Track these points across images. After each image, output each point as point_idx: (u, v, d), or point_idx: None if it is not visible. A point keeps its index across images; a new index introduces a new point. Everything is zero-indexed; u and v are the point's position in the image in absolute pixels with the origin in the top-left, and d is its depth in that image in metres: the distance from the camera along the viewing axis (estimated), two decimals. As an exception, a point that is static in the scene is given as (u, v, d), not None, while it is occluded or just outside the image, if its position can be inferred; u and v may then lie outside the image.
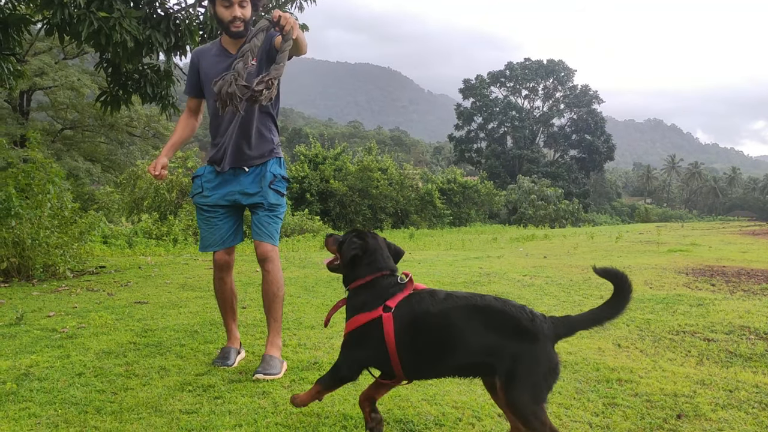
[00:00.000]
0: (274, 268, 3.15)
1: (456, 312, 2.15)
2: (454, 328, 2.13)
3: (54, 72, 26.68)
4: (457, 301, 2.17)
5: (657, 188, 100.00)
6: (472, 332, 2.11)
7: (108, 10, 6.00)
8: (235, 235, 3.28)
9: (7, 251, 6.80)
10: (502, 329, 2.08)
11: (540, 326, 2.07)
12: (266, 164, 3.18)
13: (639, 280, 6.21)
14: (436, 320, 2.16)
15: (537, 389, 2.03)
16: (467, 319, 2.12)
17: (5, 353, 3.49)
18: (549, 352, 2.06)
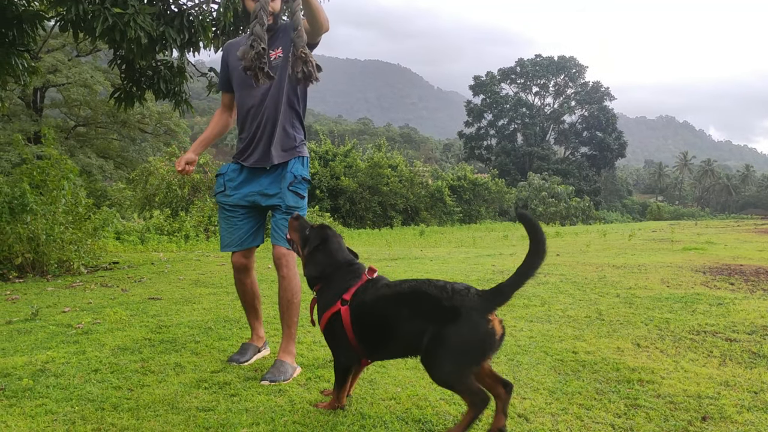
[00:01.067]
0: (289, 273, 3.05)
1: (385, 300, 2.35)
2: (386, 316, 2.34)
3: (67, 69, 26.86)
4: (387, 290, 2.37)
5: (669, 186, 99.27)
6: (401, 318, 2.29)
7: (122, 6, 5.99)
8: (255, 236, 3.21)
9: (22, 247, 6.84)
10: (424, 311, 2.23)
11: (461, 301, 2.18)
12: (288, 164, 3.10)
13: (656, 279, 6.14)
14: (372, 309, 2.38)
15: (460, 360, 2.16)
16: (396, 306, 2.31)
17: (21, 349, 3.50)
18: (474, 324, 2.15)
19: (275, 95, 3.07)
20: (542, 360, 3.25)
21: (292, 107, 3.14)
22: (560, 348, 3.48)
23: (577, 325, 4.09)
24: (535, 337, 3.74)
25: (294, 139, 3.14)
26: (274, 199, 3.10)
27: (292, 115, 3.15)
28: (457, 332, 2.15)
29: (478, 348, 2.16)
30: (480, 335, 2.15)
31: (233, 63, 3.15)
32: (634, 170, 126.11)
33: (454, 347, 2.16)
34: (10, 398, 2.65)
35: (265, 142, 3.09)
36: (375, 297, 2.38)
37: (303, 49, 2.67)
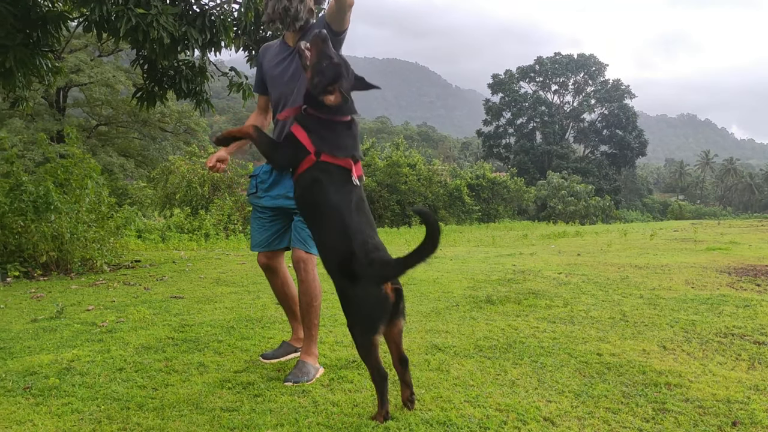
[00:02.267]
0: (307, 277, 3.04)
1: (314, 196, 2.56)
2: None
3: (90, 69, 27.18)
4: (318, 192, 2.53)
5: (690, 185, 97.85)
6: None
7: (145, 6, 6.04)
8: (281, 239, 3.20)
9: (46, 245, 6.93)
10: (340, 269, 2.44)
11: (363, 270, 2.37)
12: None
13: (680, 280, 6.05)
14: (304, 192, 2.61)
15: (363, 322, 2.39)
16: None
17: (47, 347, 3.54)
18: (370, 291, 2.36)
19: (302, 91, 3.04)
20: (566, 362, 3.21)
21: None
22: (584, 350, 3.43)
23: (601, 326, 4.04)
24: (559, 338, 3.70)
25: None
26: (292, 201, 3.08)
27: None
28: (357, 295, 2.39)
29: (374, 314, 2.38)
30: (374, 301, 2.36)
31: (267, 65, 3.16)
32: (654, 169, 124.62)
33: (356, 309, 2.41)
34: (36, 397, 2.68)
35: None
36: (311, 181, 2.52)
37: (305, 44, 2.65)
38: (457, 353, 3.37)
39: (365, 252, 2.40)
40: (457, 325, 4.05)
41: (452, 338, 3.69)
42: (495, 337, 3.73)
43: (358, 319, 2.42)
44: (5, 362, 3.23)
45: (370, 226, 2.53)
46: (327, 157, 2.50)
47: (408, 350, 3.40)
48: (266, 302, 4.94)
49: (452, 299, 5.04)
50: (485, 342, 3.60)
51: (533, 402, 2.63)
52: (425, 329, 3.95)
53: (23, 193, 7.04)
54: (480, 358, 3.29)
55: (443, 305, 4.78)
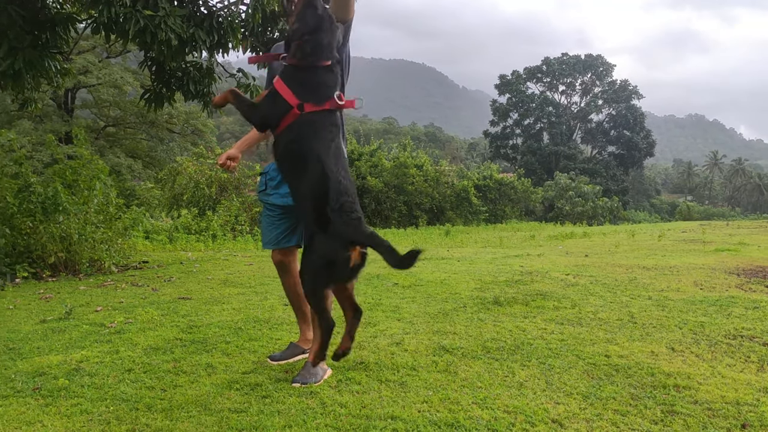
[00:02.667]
0: None
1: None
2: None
3: (98, 70, 27.32)
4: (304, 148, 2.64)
5: (698, 185, 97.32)
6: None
7: (153, 8, 6.06)
8: (290, 237, 3.22)
9: (54, 246, 6.97)
10: (315, 213, 2.52)
11: (332, 213, 2.46)
12: None
13: (688, 281, 6.02)
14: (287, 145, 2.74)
15: (321, 274, 2.48)
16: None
17: (56, 348, 3.56)
18: (328, 245, 2.46)
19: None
20: (574, 364, 3.20)
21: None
22: (592, 351, 3.42)
23: (609, 328, 4.02)
24: (566, 340, 3.69)
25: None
26: None
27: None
28: (324, 247, 2.47)
29: (334, 271, 2.49)
30: (338, 260, 2.46)
31: (276, 65, 3.17)
32: (662, 169, 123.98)
33: (315, 259, 2.49)
34: (46, 397, 2.70)
35: None
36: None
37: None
38: (465, 354, 3.37)
39: (336, 194, 2.49)
40: (465, 327, 4.05)
41: (460, 339, 3.69)
42: (503, 338, 3.72)
43: (317, 268, 2.50)
44: (15, 363, 3.25)
45: (345, 170, 2.63)
46: (310, 106, 2.55)
47: (416, 351, 3.41)
48: (274, 303, 4.95)
49: (460, 300, 5.03)
50: (493, 343, 3.59)
51: (541, 404, 2.62)
52: (432, 330, 3.95)
53: (32, 194, 7.08)
54: (488, 359, 3.29)
55: (450, 306, 4.78)
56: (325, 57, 2.65)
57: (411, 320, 4.28)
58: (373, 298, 5.16)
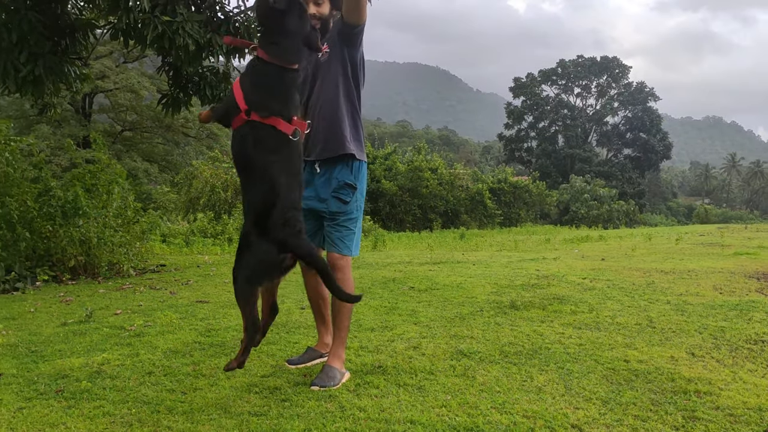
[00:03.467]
0: (342, 277, 3.04)
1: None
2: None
3: (115, 75, 27.63)
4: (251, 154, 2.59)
5: (716, 188, 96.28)
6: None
7: (171, 14, 6.12)
8: (313, 239, 3.20)
9: (74, 249, 7.05)
10: (257, 220, 2.51)
11: (276, 227, 2.46)
12: (335, 169, 3.08)
13: (707, 285, 5.96)
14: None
15: (253, 274, 2.49)
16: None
17: (77, 350, 3.60)
18: (266, 249, 2.46)
19: (328, 91, 3.09)
20: (593, 369, 3.19)
21: (347, 103, 3.12)
22: (611, 356, 3.40)
23: (628, 332, 3.99)
24: (585, 344, 3.67)
25: (349, 135, 3.10)
26: (323, 205, 3.11)
27: (347, 111, 3.12)
28: (259, 248, 2.47)
29: (267, 271, 2.52)
30: (273, 261, 2.48)
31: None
32: (679, 172, 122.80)
33: (252, 259, 2.49)
34: (69, 400, 2.73)
35: (323, 135, 3.09)
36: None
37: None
38: (483, 359, 3.36)
39: (282, 209, 2.48)
40: (482, 331, 4.04)
41: (477, 344, 3.68)
42: (520, 342, 3.71)
43: (250, 268, 2.50)
44: (37, 365, 3.30)
45: (295, 183, 2.58)
46: (255, 116, 2.50)
47: (433, 356, 3.41)
48: (290, 307, 4.97)
49: (476, 304, 5.02)
50: (510, 348, 3.58)
51: (560, 409, 2.61)
52: (450, 335, 3.95)
53: (52, 198, 7.18)
54: (506, 364, 3.28)
55: (467, 310, 4.77)
56: (292, 57, 2.58)
57: (428, 324, 4.28)
58: (390, 302, 5.16)
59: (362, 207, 3.20)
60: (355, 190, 3.12)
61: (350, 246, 3.11)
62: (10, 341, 3.88)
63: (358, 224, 3.17)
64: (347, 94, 3.12)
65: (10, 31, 6.36)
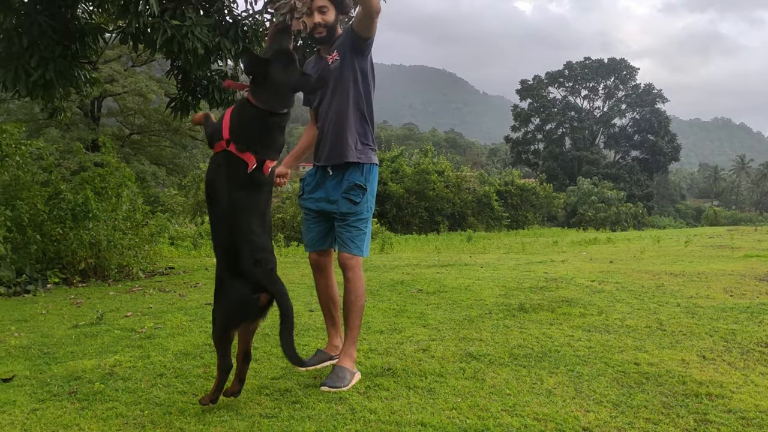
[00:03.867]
0: (352, 276, 3.11)
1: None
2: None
3: (123, 79, 27.78)
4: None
5: (725, 190, 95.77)
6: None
7: (180, 18, 6.17)
8: (324, 240, 3.28)
9: (84, 252, 7.10)
10: (226, 260, 2.56)
11: (247, 267, 2.49)
12: (347, 171, 3.13)
13: (717, 288, 5.93)
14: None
15: (228, 316, 2.55)
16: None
17: (89, 352, 3.63)
18: (239, 290, 2.51)
19: (337, 99, 3.13)
20: (603, 371, 3.18)
21: (355, 111, 3.16)
22: (621, 359, 3.39)
23: (637, 335, 3.98)
24: (594, 347, 3.66)
25: (354, 143, 3.14)
26: (333, 206, 3.16)
27: (355, 120, 3.16)
28: (232, 290, 2.53)
29: (241, 314, 2.56)
30: (246, 303, 2.52)
31: (309, 62, 3.31)
32: (687, 174, 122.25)
33: (227, 301, 2.55)
34: (82, 401, 2.75)
35: (329, 142, 3.15)
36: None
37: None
38: (492, 361, 3.36)
39: (251, 251, 2.50)
40: (491, 333, 4.04)
41: (486, 346, 3.68)
42: (529, 345, 3.71)
43: (225, 311, 2.56)
44: (50, 367, 3.32)
45: (263, 225, 2.60)
46: (233, 148, 2.55)
47: (443, 358, 3.41)
48: (299, 309, 4.98)
49: (484, 307, 5.02)
50: (520, 350, 3.58)
51: (571, 411, 2.61)
52: (458, 337, 3.95)
53: (62, 201, 7.23)
54: (515, 366, 3.27)
55: (476, 313, 4.77)
56: (278, 105, 2.65)
57: (437, 327, 4.28)
58: (398, 305, 5.17)
59: (372, 208, 3.24)
60: (365, 191, 3.14)
61: (361, 246, 3.13)
62: (23, 343, 3.91)
63: (368, 225, 3.21)
64: (356, 101, 3.16)
65: (21, 36, 6.43)
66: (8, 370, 3.30)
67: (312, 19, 3.05)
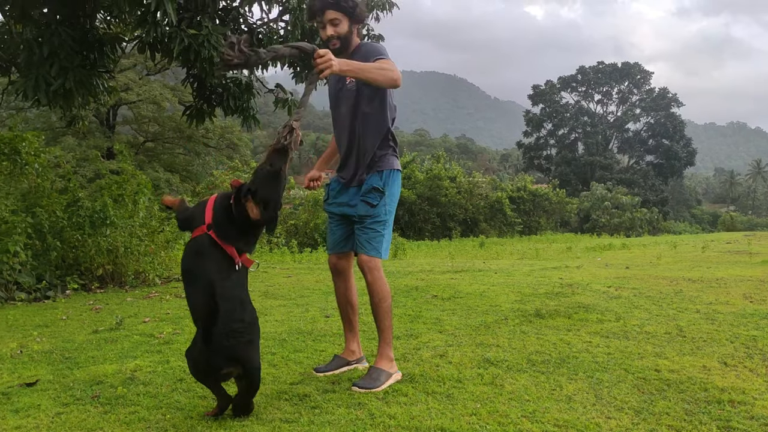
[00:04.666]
0: (371, 278, 3.14)
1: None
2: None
3: (138, 87, 28.08)
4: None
5: (741, 195, 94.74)
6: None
7: (197, 27, 6.23)
8: (346, 242, 3.33)
9: (102, 258, 7.17)
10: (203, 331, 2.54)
11: (219, 339, 2.46)
12: (369, 177, 3.20)
13: (737, 294, 5.87)
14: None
15: (197, 373, 2.56)
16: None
17: (110, 357, 3.66)
18: (211, 358, 2.49)
19: (357, 116, 3.18)
20: (623, 378, 3.16)
21: (376, 126, 3.20)
22: (641, 365, 3.37)
23: (657, 341, 3.95)
24: (613, 353, 3.64)
25: (377, 158, 3.20)
26: (353, 209, 3.22)
27: (377, 134, 3.20)
28: (202, 353, 2.50)
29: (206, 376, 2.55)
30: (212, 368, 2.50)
31: (329, 89, 3.36)
32: (703, 178, 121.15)
33: (197, 360, 2.54)
34: (104, 405, 2.78)
35: (353, 161, 3.25)
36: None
37: (292, 120, 2.77)
38: (510, 367, 3.35)
39: (226, 323, 2.47)
40: (508, 339, 4.03)
41: (504, 352, 3.67)
42: (547, 351, 3.69)
43: (194, 365, 2.55)
44: (72, 372, 3.36)
45: (242, 309, 2.56)
46: (214, 235, 2.59)
47: (460, 364, 3.41)
48: (315, 315, 5.00)
49: (500, 312, 5.00)
50: (538, 356, 3.57)
51: (592, 418, 2.59)
52: (475, 343, 3.94)
53: (80, 208, 7.32)
54: (534, 372, 3.26)
55: (492, 319, 4.76)
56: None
57: (453, 332, 4.28)
58: (414, 310, 5.17)
59: (392, 212, 3.26)
60: (383, 194, 3.18)
61: (378, 248, 3.16)
62: (45, 348, 3.96)
63: (388, 228, 3.22)
64: (376, 119, 3.19)
65: (41, 46, 6.52)
66: (32, 374, 3.35)
67: (325, 32, 3.08)
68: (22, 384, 3.14)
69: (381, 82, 2.96)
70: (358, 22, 3.17)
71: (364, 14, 3.19)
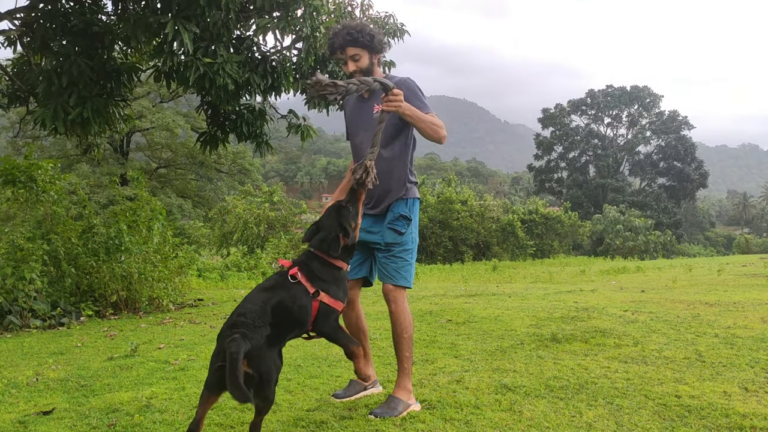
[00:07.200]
0: (396, 308, 3.13)
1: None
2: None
3: (151, 114, 28.46)
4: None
5: (755, 217, 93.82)
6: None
7: (212, 56, 6.34)
8: (359, 268, 3.30)
9: (116, 285, 7.20)
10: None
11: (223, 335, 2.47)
12: (393, 204, 3.20)
13: (755, 318, 5.79)
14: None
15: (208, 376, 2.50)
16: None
17: (126, 384, 3.66)
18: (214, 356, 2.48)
19: (385, 150, 3.16)
20: (644, 404, 3.11)
21: (399, 156, 3.22)
22: (661, 391, 3.32)
23: (676, 366, 3.90)
24: (632, 379, 3.59)
25: (400, 186, 3.21)
26: (375, 236, 3.20)
27: (399, 163, 3.22)
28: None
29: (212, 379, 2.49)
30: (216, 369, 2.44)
31: (347, 115, 3.38)
32: (716, 201, 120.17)
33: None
34: (121, 433, 2.77)
35: (377, 196, 3.22)
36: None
37: (369, 166, 2.90)
38: (528, 393, 3.31)
39: (235, 315, 2.55)
40: (525, 364, 3.99)
41: (521, 378, 3.63)
42: (565, 377, 3.65)
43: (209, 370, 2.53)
44: (88, 399, 3.36)
45: (260, 300, 2.66)
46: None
47: (476, 389, 3.37)
48: (329, 341, 4.97)
49: (516, 337, 4.96)
50: (555, 382, 3.53)
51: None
52: (492, 368, 3.90)
53: (95, 234, 7.38)
54: (552, 398, 3.23)
55: (507, 343, 4.71)
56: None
57: (469, 357, 4.25)
58: (428, 335, 5.14)
59: (417, 240, 3.27)
60: (410, 222, 3.19)
61: (408, 277, 3.17)
62: (60, 376, 3.96)
63: (413, 256, 3.23)
64: (400, 148, 3.22)
65: (61, 76, 6.66)
66: (48, 402, 3.35)
67: (347, 67, 3.13)
68: (39, 412, 3.14)
69: (429, 135, 3.04)
70: (378, 52, 3.20)
71: (383, 43, 3.22)
